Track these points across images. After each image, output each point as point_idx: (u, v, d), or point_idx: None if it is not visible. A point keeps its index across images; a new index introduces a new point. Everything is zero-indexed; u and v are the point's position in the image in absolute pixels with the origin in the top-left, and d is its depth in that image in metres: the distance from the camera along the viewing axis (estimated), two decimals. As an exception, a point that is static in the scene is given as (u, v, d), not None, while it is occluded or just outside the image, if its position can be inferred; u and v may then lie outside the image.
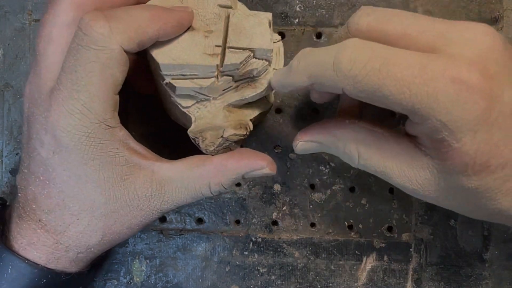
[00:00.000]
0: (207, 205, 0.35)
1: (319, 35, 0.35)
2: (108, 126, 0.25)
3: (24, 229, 0.26)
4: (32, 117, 0.25)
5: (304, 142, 0.28)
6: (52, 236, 0.26)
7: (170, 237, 0.35)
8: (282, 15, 0.34)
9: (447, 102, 0.21)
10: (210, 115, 0.28)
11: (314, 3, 0.34)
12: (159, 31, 0.24)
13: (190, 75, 0.26)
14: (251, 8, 0.34)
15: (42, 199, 0.26)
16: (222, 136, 0.27)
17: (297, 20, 0.34)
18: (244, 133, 0.27)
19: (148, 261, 0.35)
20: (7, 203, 0.31)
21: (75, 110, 0.24)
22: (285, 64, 0.28)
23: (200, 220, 0.35)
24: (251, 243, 0.35)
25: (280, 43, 0.29)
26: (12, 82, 0.35)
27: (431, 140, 0.23)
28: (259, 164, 0.27)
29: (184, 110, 0.27)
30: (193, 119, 0.27)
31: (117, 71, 0.24)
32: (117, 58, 0.23)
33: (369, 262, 0.35)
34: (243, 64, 0.27)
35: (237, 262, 0.35)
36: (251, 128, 0.28)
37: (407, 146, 0.25)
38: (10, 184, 0.35)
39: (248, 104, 0.29)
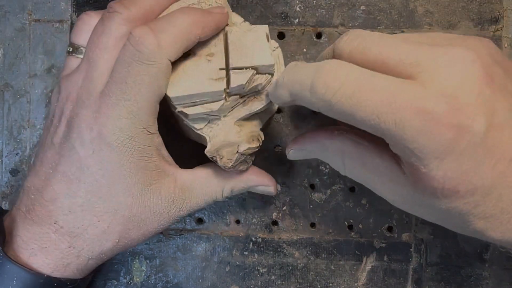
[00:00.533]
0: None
1: (319, 35, 0.35)
2: (149, 132, 0.26)
3: (36, 233, 0.26)
4: (76, 118, 0.26)
5: (295, 150, 0.30)
6: (66, 239, 0.26)
7: (170, 237, 0.35)
8: (282, 15, 0.34)
9: (413, 132, 0.21)
10: (223, 132, 0.28)
11: (314, 3, 0.34)
12: (201, 35, 0.27)
13: (200, 101, 0.27)
14: (251, 8, 0.34)
15: (64, 199, 0.26)
16: (237, 152, 0.28)
17: (297, 20, 0.34)
18: (258, 145, 0.28)
19: (148, 261, 0.35)
20: (3, 209, 0.31)
21: (122, 115, 0.25)
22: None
23: (200, 220, 0.35)
24: (251, 243, 0.35)
25: (279, 50, 0.30)
26: (12, 82, 0.35)
27: (404, 162, 0.23)
28: (267, 182, 0.31)
29: (198, 132, 0.28)
30: (208, 139, 0.28)
31: (163, 84, 0.26)
32: (164, 71, 0.26)
33: (369, 262, 0.35)
34: (248, 82, 0.27)
35: (237, 262, 0.35)
36: (263, 138, 0.29)
37: (389, 162, 0.25)
38: (10, 184, 0.35)
39: (256, 114, 0.29)
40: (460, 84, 0.21)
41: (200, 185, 0.29)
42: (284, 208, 0.35)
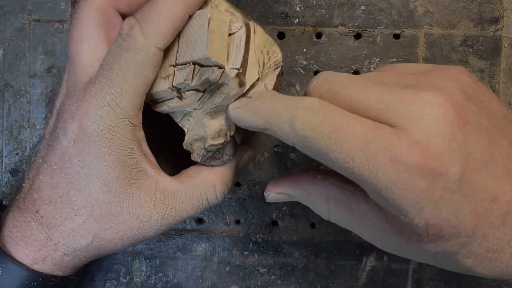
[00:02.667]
0: (207, 205, 0.35)
1: (319, 35, 0.35)
2: (131, 123, 0.26)
3: (20, 221, 0.26)
4: (63, 108, 0.27)
5: (275, 194, 0.28)
6: (44, 230, 0.26)
7: (170, 237, 0.35)
8: (282, 15, 0.34)
9: (387, 181, 0.20)
10: (196, 125, 0.28)
11: (314, 3, 0.34)
12: (187, 12, 0.26)
13: (160, 99, 0.27)
14: (251, 8, 0.34)
15: (47, 189, 0.26)
16: (204, 148, 0.27)
17: (297, 20, 0.34)
18: (222, 141, 0.27)
19: (148, 261, 0.35)
20: (3, 203, 0.31)
21: (105, 102, 0.25)
22: (245, 54, 0.26)
23: (200, 220, 0.35)
24: (251, 243, 0.35)
25: (242, 31, 0.26)
26: (12, 82, 0.35)
27: (385, 211, 0.23)
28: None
29: (179, 123, 0.28)
30: (185, 131, 0.28)
31: (150, 72, 0.26)
32: (152, 59, 0.25)
33: (369, 262, 0.35)
34: (192, 78, 0.26)
35: (237, 262, 0.35)
36: (232, 134, 0.27)
37: (375, 207, 0.24)
38: (10, 184, 0.35)
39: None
40: (431, 131, 0.20)
41: (185, 188, 0.27)
42: (284, 208, 0.35)
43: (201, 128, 0.27)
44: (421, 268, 0.35)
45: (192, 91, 0.27)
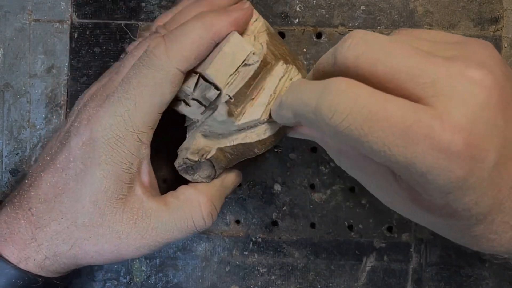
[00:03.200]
0: (207, 205, 0.35)
1: (319, 35, 0.35)
2: (139, 139, 0.26)
3: (11, 217, 0.27)
4: (83, 108, 0.27)
5: (294, 132, 0.28)
6: (31, 229, 0.26)
7: (170, 237, 0.35)
8: (282, 15, 0.34)
9: (424, 168, 0.19)
10: (192, 135, 0.29)
11: (314, 3, 0.34)
12: (214, 39, 0.26)
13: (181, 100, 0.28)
14: (251, 8, 0.34)
15: (46, 187, 0.26)
16: (183, 158, 0.28)
17: (297, 20, 0.34)
18: (196, 159, 0.28)
19: (148, 261, 0.35)
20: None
21: (118, 112, 0.26)
22: (245, 88, 0.26)
23: (200, 220, 0.35)
24: (251, 243, 0.35)
25: (254, 66, 0.26)
26: (12, 82, 0.35)
27: (406, 183, 0.23)
28: (238, 177, 0.32)
29: (187, 127, 0.29)
30: (187, 135, 0.29)
31: (168, 92, 0.26)
32: (170, 80, 0.26)
33: (369, 262, 0.35)
34: (194, 88, 0.27)
35: (237, 262, 0.35)
36: (207, 157, 0.28)
37: (387, 171, 0.23)
38: (10, 184, 0.35)
39: (231, 133, 0.28)
40: (476, 115, 0.19)
41: (169, 211, 0.27)
42: (284, 208, 0.35)
43: (192, 140, 0.28)
44: (421, 268, 0.35)
45: (196, 101, 0.27)
